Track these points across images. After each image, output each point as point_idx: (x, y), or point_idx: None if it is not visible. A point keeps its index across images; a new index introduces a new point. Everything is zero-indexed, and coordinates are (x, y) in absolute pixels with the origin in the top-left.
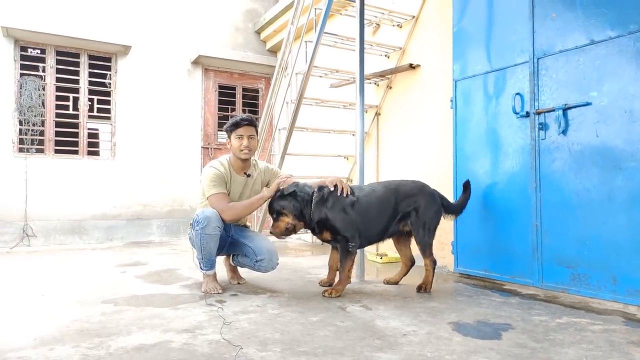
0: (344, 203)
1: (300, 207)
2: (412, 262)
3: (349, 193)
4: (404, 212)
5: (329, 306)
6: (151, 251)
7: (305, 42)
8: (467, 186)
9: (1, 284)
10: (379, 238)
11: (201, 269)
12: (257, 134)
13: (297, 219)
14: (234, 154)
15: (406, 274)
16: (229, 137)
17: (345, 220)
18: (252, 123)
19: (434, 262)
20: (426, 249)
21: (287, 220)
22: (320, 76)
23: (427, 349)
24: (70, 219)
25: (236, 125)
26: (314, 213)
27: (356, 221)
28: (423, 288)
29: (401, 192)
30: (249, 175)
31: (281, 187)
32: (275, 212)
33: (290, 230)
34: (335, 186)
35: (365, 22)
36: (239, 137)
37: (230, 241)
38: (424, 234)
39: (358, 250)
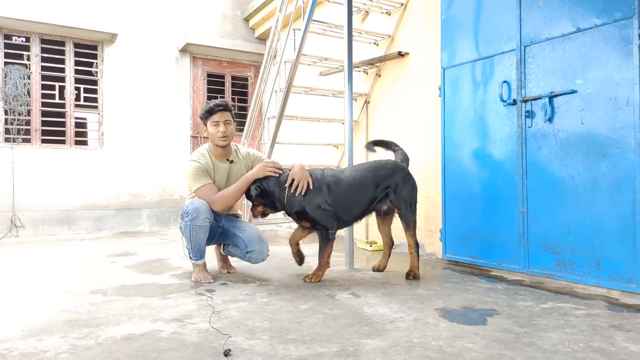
0: (317, 194)
1: (271, 200)
2: (392, 242)
3: (312, 185)
4: (383, 193)
5: (318, 294)
6: (141, 241)
7: (294, 29)
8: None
9: None
10: (358, 219)
11: (190, 259)
12: (233, 119)
13: (271, 207)
14: (212, 141)
15: (390, 254)
16: (205, 124)
17: (321, 211)
18: (227, 108)
19: (417, 245)
20: (410, 224)
21: (260, 208)
22: (309, 64)
23: (414, 334)
24: (59, 210)
25: (210, 112)
26: (287, 204)
27: (333, 210)
28: (412, 275)
29: (377, 173)
30: (231, 162)
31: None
32: (252, 199)
33: (266, 214)
34: (293, 181)
35: (354, 9)
36: (215, 124)
37: (220, 231)
38: (406, 210)
39: (346, 238)
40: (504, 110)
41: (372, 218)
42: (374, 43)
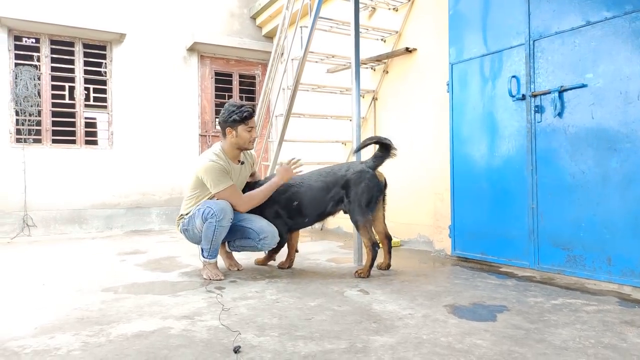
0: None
1: None
2: (389, 238)
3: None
4: (339, 196)
5: (327, 291)
6: (151, 239)
7: (301, 27)
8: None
9: (2, 273)
10: (316, 221)
11: (206, 258)
12: None
13: None
14: (237, 145)
15: (390, 251)
16: (234, 127)
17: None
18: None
19: (374, 245)
20: (358, 225)
21: None
22: (317, 61)
23: (423, 331)
24: (70, 209)
25: (249, 117)
26: None
27: (284, 218)
28: (357, 273)
29: (332, 177)
30: (242, 163)
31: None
32: None
33: None
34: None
35: (361, 5)
36: (250, 129)
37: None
38: (353, 212)
39: (355, 236)
40: (513, 105)
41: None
42: (382, 39)
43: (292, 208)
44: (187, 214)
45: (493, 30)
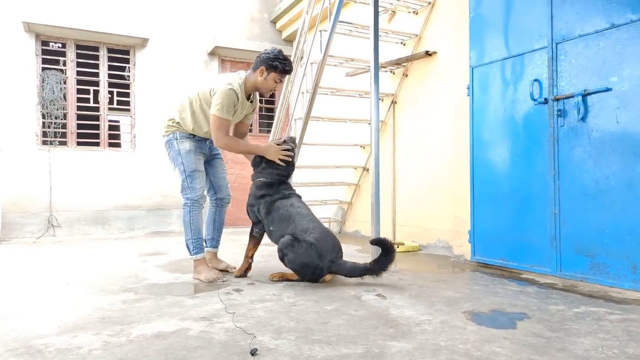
0: (257, 197)
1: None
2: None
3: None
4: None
5: (344, 295)
6: (172, 241)
7: (320, 31)
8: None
9: (28, 273)
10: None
11: (192, 254)
12: None
13: None
14: (257, 85)
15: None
16: (269, 71)
17: (251, 207)
18: None
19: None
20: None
21: None
22: (336, 65)
23: (441, 337)
24: (93, 210)
25: (287, 73)
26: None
27: (263, 215)
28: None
29: (290, 221)
30: (251, 101)
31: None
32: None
33: None
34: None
35: (380, 9)
36: (278, 82)
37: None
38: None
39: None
40: (535, 109)
41: (404, 215)
42: (401, 43)
43: (267, 223)
44: (178, 133)
45: (515, 33)
